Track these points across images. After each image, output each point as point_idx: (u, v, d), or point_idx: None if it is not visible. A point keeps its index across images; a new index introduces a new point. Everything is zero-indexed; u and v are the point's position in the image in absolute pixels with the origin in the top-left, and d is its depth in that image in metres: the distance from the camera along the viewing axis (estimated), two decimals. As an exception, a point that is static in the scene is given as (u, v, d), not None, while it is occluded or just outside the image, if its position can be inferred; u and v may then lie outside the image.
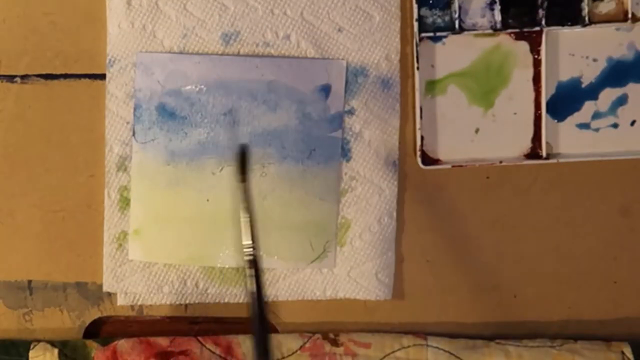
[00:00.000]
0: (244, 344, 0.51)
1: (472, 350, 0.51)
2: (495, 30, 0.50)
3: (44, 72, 0.51)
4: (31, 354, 0.51)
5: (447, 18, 0.50)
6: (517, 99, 0.51)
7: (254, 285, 0.41)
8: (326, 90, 0.51)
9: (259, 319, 0.41)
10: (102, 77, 0.51)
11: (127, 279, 0.52)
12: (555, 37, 0.50)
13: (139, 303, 0.52)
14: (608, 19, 0.50)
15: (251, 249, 0.42)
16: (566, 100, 0.51)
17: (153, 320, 0.53)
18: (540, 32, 0.50)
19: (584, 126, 0.51)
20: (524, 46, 0.50)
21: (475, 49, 0.51)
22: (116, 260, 0.52)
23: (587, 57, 0.51)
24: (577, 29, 0.50)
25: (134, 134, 0.51)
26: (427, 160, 0.51)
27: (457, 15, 0.50)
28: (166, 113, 0.51)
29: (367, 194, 0.51)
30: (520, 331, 0.52)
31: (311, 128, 0.51)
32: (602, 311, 0.52)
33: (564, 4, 0.50)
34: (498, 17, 0.50)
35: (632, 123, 0.51)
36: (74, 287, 0.53)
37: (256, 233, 0.42)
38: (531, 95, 0.51)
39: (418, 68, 0.50)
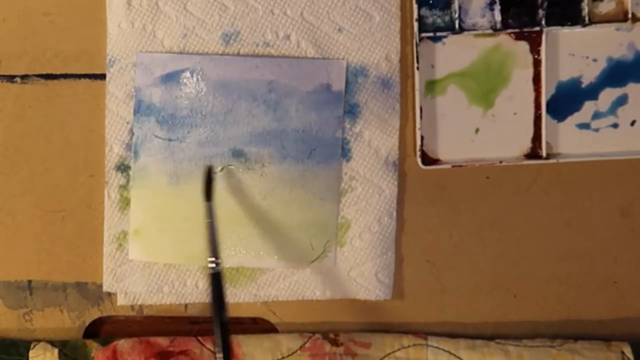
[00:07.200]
0: (244, 344, 0.51)
1: (472, 350, 0.51)
2: (495, 30, 0.50)
3: (44, 72, 0.51)
4: (31, 353, 0.51)
5: (447, 18, 0.50)
6: (517, 99, 0.51)
7: (216, 301, 0.45)
8: (326, 90, 0.51)
9: (221, 333, 0.45)
10: (102, 77, 0.51)
11: (127, 279, 0.52)
12: (555, 37, 0.50)
13: (139, 303, 0.52)
14: (608, 19, 0.50)
15: (214, 264, 0.46)
16: (566, 100, 0.51)
17: (153, 320, 0.53)
18: (540, 32, 0.50)
19: (584, 126, 0.51)
20: (524, 46, 0.50)
21: (475, 49, 0.51)
22: (116, 260, 0.52)
23: (587, 57, 0.51)
24: (577, 29, 0.50)
25: (133, 134, 0.51)
26: (427, 160, 0.51)
27: (457, 15, 0.50)
28: (166, 113, 0.51)
29: (367, 194, 0.51)
30: (520, 331, 0.52)
31: (311, 128, 0.51)
32: (602, 311, 0.52)
33: (564, 4, 0.50)
34: (498, 17, 0.50)
35: (632, 123, 0.51)
36: (74, 287, 0.53)
37: (219, 249, 0.47)
38: (531, 95, 0.51)
39: (418, 68, 0.50)
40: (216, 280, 0.46)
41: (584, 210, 0.52)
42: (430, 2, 0.50)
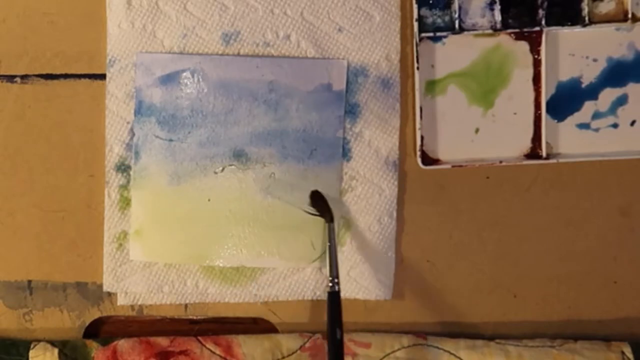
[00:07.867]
0: (244, 344, 0.51)
1: (472, 350, 0.51)
2: (495, 30, 0.50)
3: (44, 72, 0.51)
4: (31, 353, 0.51)
5: (447, 18, 0.51)
6: (517, 99, 0.51)
7: (332, 318, 0.47)
8: (327, 90, 0.51)
9: (335, 350, 0.47)
10: (102, 77, 0.51)
11: (127, 279, 0.52)
12: (555, 37, 0.50)
13: (139, 303, 0.52)
14: (608, 19, 0.50)
15: (333, 285, 0.48)
16: (566, 100, 0.51)
17: (153, 320, 0.53)
18: (540, 32, 0.50)
19: (584, 126, 0.51)
20: (524, 46, 0.51)
21: (475, 49, 0.51)
22: (116, 260, 0.52)
23: (587, 57, 0.51)
24: (577, 29, 0.50)
25: (134, 134, 0.51)
26: (427, 160, 0.51)
27: (457, 15, 0.50)
28: (167, 113, 0.51)
29: (367, 193, 0.51)
30: (520, 331, 0.52)
31: (312, 128, 0.51)
32: (602, 311, 0.52)
33: (564, 4, 0.50)
34: (498, 17, 0.50)
35: (632, 123, 0.51)
36: (74, 287, 0.52)
37: (337, 269, 0.49)
38: (531, 95, 0.51)
39: (418, 68, 0.50)
40: (334, 299, 0.48)
41: (584, 210, 0.52)
42: (430, 2, 0.50)
